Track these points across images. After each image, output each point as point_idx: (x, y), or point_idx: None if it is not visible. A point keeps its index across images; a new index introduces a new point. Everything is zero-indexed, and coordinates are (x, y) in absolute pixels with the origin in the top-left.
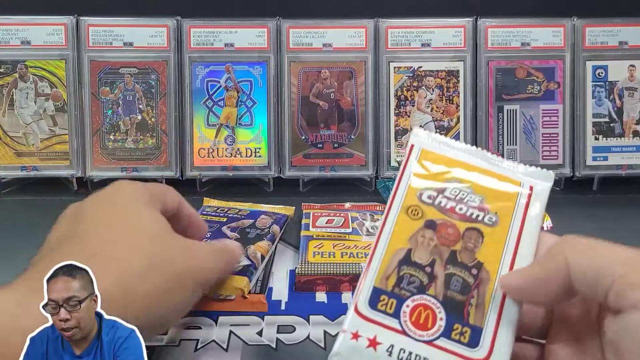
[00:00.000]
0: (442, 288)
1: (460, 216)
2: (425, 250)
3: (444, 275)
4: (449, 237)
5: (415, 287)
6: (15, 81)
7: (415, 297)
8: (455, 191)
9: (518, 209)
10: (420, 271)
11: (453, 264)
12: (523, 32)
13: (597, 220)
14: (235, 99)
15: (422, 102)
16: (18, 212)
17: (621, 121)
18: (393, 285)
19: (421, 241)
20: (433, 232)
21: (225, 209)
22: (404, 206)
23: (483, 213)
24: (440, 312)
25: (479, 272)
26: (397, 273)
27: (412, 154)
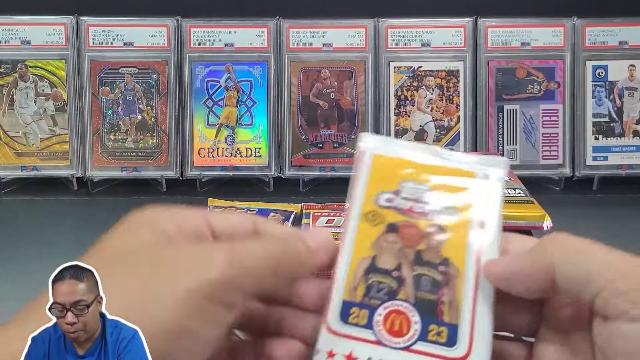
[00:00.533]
0: (412, 290)
1: (420, 214)
2: (390, 254)
3: (413, 277)
4: (412, 238)
5: (385, 294)
6: (15, 81)
7: (386, 304)
8: (412, 191)
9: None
10: (388, 277)
11: (420, 265)
12: (523, 32)
13: (597, 220)
14: (235, 99)
15: (422, 102)
16: (18, 212)
17: (621, 121)
18: (362, 295)
19: (385, 246)
20: (396, 235)
21: (234, 209)
22: (362, 213)
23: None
24: (414, 316)
25: (447, 268)
26: (364, 282)
27: (364, 161)
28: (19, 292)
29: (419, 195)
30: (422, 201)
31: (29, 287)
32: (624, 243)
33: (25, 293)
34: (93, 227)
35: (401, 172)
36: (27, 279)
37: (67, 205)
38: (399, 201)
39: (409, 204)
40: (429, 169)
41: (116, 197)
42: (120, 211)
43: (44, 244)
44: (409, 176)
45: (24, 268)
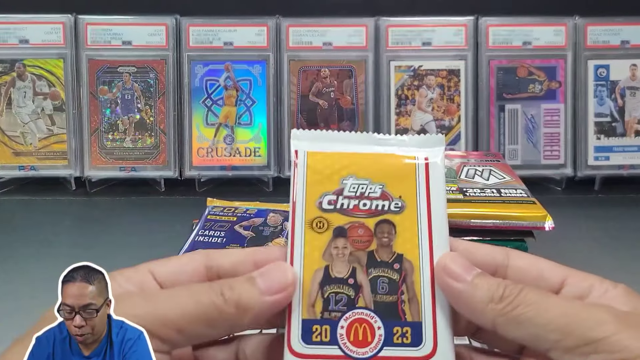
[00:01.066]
0: (370, 295)
1: (367, 212)
2: (342, 261)
3: (369, 281)
4: (362, 239)
5: (344, 305)
6: (13, 80)
7: (347, 314)
8: (354, 187)
9: (420, 185)
10: (344, 286)
11: (374, 266)
12: (524, 31)
13: (599, 221)
14: (234, 98)
15: (423, 101)
16: (16, 212)
17: (623, 121)
18: (321, 310)
19: (335, 253)
20: (345, 240)
21: (233, 209)
22: (306, 221)
23: (388, 201)
24: (377, 322)
25: (402, 264)
26: (321, 296)
27: (298, 162)
28: (16, 292)
29: (362, 190)
30: (367, 197)
31: (26, 287)
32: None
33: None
34: (91, 227)
35: (341, 168)
36: (24, 279)
37: (65, 205)
38: (342, 201)
39: (353, 202)
40: (368, 159)
41: (114, 197)
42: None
43: (41, 244)
44: (349, 171)
45: (21, 268)
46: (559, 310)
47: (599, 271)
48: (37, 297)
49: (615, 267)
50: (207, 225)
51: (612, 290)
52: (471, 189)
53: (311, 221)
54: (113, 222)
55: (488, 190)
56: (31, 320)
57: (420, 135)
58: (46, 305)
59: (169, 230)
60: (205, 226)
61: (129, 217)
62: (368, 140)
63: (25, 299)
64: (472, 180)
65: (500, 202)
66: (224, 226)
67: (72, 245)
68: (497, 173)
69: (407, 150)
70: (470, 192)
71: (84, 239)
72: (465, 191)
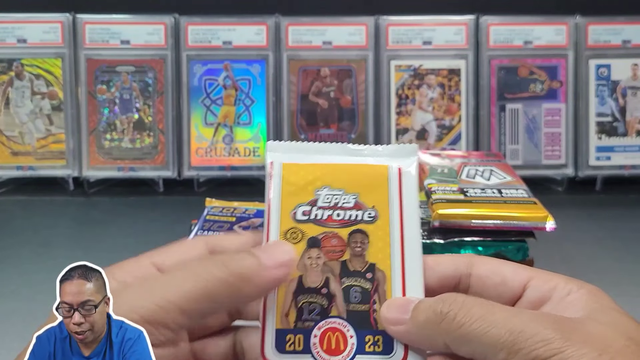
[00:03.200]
0: (343, 304)
1: (340, 222)
2: (316, 271)
3: (342, 291)
4: (335, 249)
5: (317, 314)
6: (11, 80)
7: (320, 323)
8: (328, 198)
9: (392, 195)
10: (317, 295)
11: (347, 276)
12: (525, 30)
13: (601, 221)
14: (233, 98)
15: (424, 100)
16: (13, 212)
17: (624, 120)
18: (295, 320)
19: (309, 263)
20: (318, 250)
21: (232, 209)
22: (281, 232)
23: (361, 211)
24: (349, 330)
25: (374, 274)
26: (295, 306)
27: (273, 173)
28: (15, 292)
29: (336, 200)
30: (340, 207)
31: (25, 288)
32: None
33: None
34: (89, 228)
35: (315, 179)
36: (23, 279)
37: (63, 205)
38: (316, 212)
39: (327, 212)
40: (342, 170)
41: (113, 197)
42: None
43: (39, 245)
44: (323, 182)
45: (19, 269)
46: (506, 326)
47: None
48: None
49: (616, 268)
50: (206, 226)
51: (576, 292)
52: (472, 189)
53: (285, 232)
54: (111, 223)
55: (489, 190)
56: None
57: (394, 145)
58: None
59: (168, 231)
60: (204, 226)
61: (127, 217)
62: (342, 151)
63: (23, 299)
64: (473, 180)
65: (501, 202)
66: (223, 226)
67: (70, 246)
68: (498, 173)
69: (380, 160)
70: (471, 193)
71: (82, 239)
72: (466, 191)
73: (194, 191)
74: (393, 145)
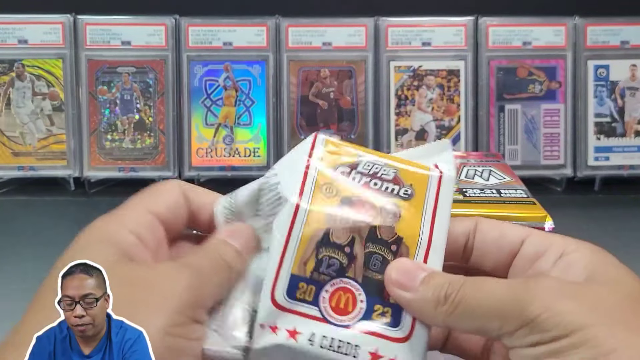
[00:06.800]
0: (362, 268)
1: (376, 191)
2: (344, 228)
3: (364, 255)
4: (367, 213)
5: (335, 270)
6: (12, 80)
7: (334, 280)
8: (368, 165)
9: (432, 182)
10: (339, 252)
11: (373, 242)
12: (524, 31)
13: (599, 221)
14: (233, 98)
15: (423, 101)
16: (15, 213)
17: (623, 121)
18: (312, 270)
19: (339, 219)
20: (350, 209)
21: None
22: (317, 184)
23: (398, 186)
24: (360, 295)
25: (399, 247)
26: (315, 256)
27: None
28: (15, 293)
29: (376, 170)
30: (379, 177)
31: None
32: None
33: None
34: None
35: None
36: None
37: (64, 205)
38: (355, 175)
39: (365, 179)
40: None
41: (113, 197)
42: None
43: (40, 245)
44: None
45: (20, 269)
46: (496, 295)
47: None
48: None
49: None
50: None
51: (573, 253)
52: (471, 189)
53: (322, 184)
54: None
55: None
56: None
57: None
58: None
59: None
60: None
61: None
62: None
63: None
64: (471, 180)
65: (500, 202)
66: None
67: None
68: (497, 173)
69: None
70: (469, 193)
71: None
72: (465, 191)
73: None
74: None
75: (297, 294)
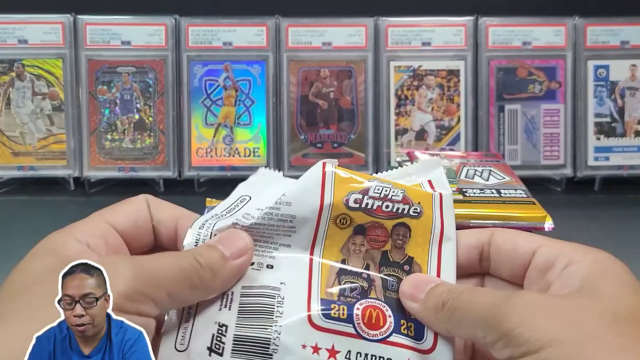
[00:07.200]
0: (382, 291)
1: (387, 214)
2: (358, 257)
3: (380, 279)
4: (378, 239)
5: (359, 293)
6: (12, 80)
7: (361, 301)
8: (378, 189)
9: (435, 199)
10: (358, 278)
11: (386, 265)
12: (524, 31)
13: (599, 221)
14: (233, 98)
15: (423, 101)
16: (14, 213)
17: (623, 121)
18: (338, 295)
19: (353, 249)
20: (363, 237)
21: None
22: (332, 217)
23: (408, 206)
24: (388, 310)
25: (411, 267)
26: (338, 283)
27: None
28: None
29: (386, 192)
30: (389, 199)
31: None
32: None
33: None
34: None
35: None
36: None
37: (64, 205)
38: (367, 201)
39: (377, 203)
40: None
41: (113, 197)
42: None
43: None
44: (373, 177)
45: None
46: (483, 305)
47: None
48: None
49: None
50: None
51: (579, 261)
52: (471, 189)
53: (336, 217)
54: None
55: (488, 190)
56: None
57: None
58: None
59: None
60: None
61: None
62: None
63: None
64: (471, 180)
65: (499, 202)
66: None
67: None
68: (497, 173)
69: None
70: (469, 193)
71: None
72: (465, 191)
73: (194, 191)
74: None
75: (331, 314)
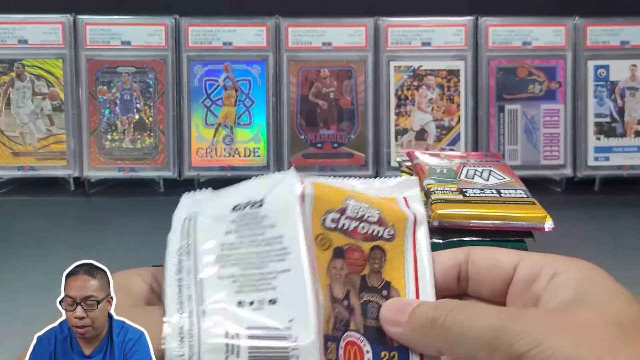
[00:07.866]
0: (361, 319)
1: (364, 236)
2: (339, 282)
3: (360, 305)
4: (357, 263)
5: (343, 325)
6: (12, 80)
7: (344, 335)
8: (355, 208)
9: (409, 221)
10: (341, 307)
11: (366, 291)
12: (524, 31)
13: (599, 221)
14: (233, 98)
15: (423, 101)
16: (14, 213)
17: (623, 121)
18: (332, 327)
19: (334, 273)
20: (342, 261)
21: None
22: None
23: (382, 228)
24: (365, 345)
25: (389, 292)
26: (332, 313)
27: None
28: (15, 293)
29: (363, 212)
30: (366, 220)
31: (25, 288)
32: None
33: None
34: (90, 228)
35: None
36: (23, 280)
37: (64, 205)
38: (344, 221)
39: (353, 223)
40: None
41: (113, 197)
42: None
43: (40, 245)
44: (351, 194)
45: (20, 269)
46: (484, 324)
47: None
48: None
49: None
50: None
51: (565, 272)
52: (471, 189)
53: (316, 237)
54: (112, 223)
55: (488, 190)
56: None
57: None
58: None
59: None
60: None
61: (128, 217)
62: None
63: (24, 299)
64: (471, 180)
65: (499, 202)
66: None
67: (71, 246)
68: (497, 173)
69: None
70: (469, 193)
71: (83, 239)
72: (465, 192)
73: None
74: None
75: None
